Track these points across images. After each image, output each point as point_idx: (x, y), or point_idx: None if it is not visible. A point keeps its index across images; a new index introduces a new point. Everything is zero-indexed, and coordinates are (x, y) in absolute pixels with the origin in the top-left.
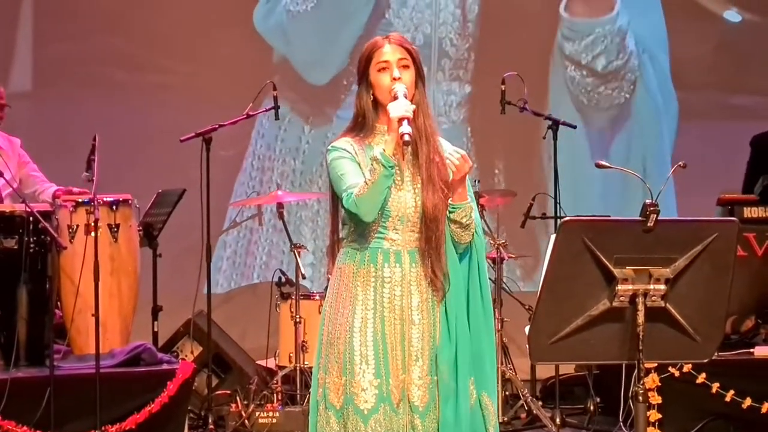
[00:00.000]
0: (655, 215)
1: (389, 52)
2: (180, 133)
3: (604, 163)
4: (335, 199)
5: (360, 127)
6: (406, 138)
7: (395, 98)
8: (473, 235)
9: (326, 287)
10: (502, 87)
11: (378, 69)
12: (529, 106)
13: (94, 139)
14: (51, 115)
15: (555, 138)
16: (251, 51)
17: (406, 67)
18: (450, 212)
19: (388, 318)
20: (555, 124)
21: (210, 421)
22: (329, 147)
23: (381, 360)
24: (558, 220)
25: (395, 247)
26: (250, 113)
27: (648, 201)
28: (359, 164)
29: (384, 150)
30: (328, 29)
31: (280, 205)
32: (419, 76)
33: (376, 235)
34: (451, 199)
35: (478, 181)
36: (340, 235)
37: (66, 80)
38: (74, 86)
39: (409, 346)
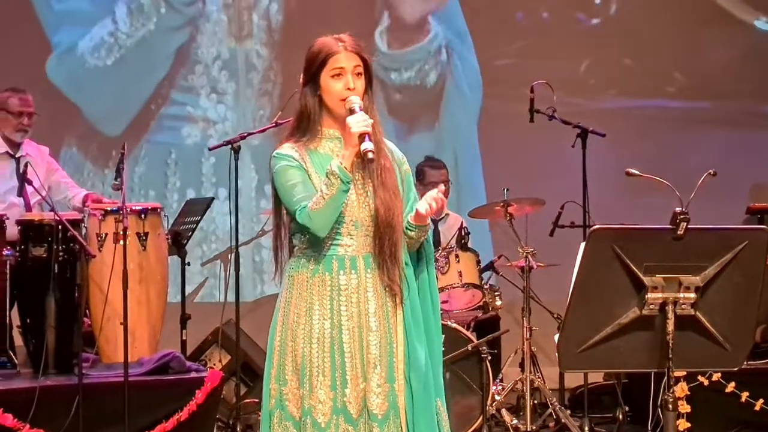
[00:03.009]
0: (685, 223)
1: (344, 59)
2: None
3: (633, 171)
4: (279, 204)
5: (304, 129)
6: (370, 156)
7: (351, 111)
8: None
9: None
10: (531, 95)
11: (332, 75)
12: None
13: (123, 148)
14: None
15: (584, 146)
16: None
17: (359, 74)
18: (409, 229)
19: (346, 326)
20: (584, 133)
21: (238, 429)
22: (274, 154)
23: (338, 371)
24: (587, 228)
25: (350, 252)
26: (279, 122)
27: (678, 209)
28: (306, 171)
29: (341, 163)
30: (129, 83)
31: None
32: (368, 81)
33: (330, 242)
34: (412, 218)
35: (508, 190)
36: (293, 243)
37: None
38: None
39: (367, 354)
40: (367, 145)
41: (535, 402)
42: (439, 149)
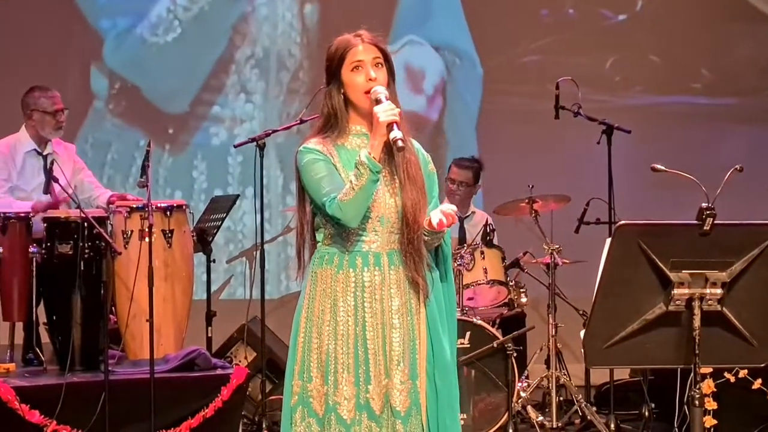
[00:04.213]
0: (712, 219)
1: (363, 52)
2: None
3: (659, 166)
4: (303, 201)
5: (332, 127)
6: (400, 144)
7: (377, 101)
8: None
9: None
10: (556, 92)
11: (352, 69)
12: None
13: (149, 145)
14: None
15: (609, 143)
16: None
17: (379, 65)
18: (427, 234)
19: (370, 322)
20: (609, 129)
21: (264, 426)
22: (300, 148)
23: (361, 367)
24: (612, 224)
25: (374, 249)
26: (304, 119)
27: (704, 204)
28: (334, 166)
29: (370, 153)
30: (190, 59)
31: None
32: (390, 74)
33: (355, 237)
34: (426, 224)
35: (532, 187)
36: (317, 239)
37: None
38: None
39: (390, 351)
40: (396, 133)
41: (561, 399)
42: (458, 149)
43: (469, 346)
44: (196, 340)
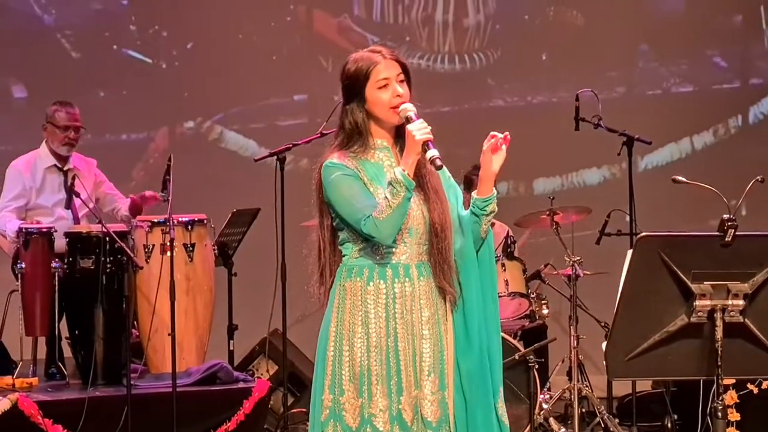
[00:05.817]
0: (733, 230)
1: (387, 69)
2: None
3: (680, 178)
4: (323, 216)
5: (354, 142)
6: (438, 163)
7: (408, 120)
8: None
9: None
10: (576, 103)
11: (378, 87)
12: None
13: (169, 160)
14: None
15: (630, 154)
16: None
17: (402, 81)
18: (483, 207)
19: (401, 333)
20: (630, 141)
21: None
22: (326, 163)
23: (393, 378)
24: (634, 236)
25: (404, 260)
26: (324, 132)
27: (726, 216)
28: (362, 180)
29: (404, 170)
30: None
31: None
32: (410, 87)
33: (385, 250)
34: (478, 193)
35: (553, 198)
36: (343, 253)
37: None
38: None
39: (420, 361)
40: (433, 152)
41: (583, 410)
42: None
43: None
44: (218, 353)
